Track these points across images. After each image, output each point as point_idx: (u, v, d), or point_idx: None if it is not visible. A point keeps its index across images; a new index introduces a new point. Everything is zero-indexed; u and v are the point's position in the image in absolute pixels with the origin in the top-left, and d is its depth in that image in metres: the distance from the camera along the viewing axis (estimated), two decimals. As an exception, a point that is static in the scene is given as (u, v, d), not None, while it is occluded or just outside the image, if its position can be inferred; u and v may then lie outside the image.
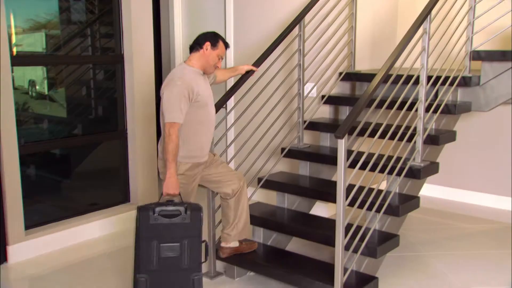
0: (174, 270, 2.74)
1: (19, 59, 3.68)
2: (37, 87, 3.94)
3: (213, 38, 2.93)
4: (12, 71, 3.55)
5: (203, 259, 2.82)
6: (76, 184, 4.20)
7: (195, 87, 2.82)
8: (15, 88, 3.65)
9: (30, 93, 3.91)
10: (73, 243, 3.90)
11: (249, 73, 3.45)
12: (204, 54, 2.91)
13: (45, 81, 3.98)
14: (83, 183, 4.21)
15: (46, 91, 3.98)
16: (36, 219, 3.80)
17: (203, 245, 2.83)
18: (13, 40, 3.63)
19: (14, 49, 3.64)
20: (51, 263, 3.60)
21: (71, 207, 4.06)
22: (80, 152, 4.18)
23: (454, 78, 3.53)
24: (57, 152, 4.09)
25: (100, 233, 4.07)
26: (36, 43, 3.84)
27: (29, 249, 3.65)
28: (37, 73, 3.95)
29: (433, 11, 3.27)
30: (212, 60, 2.93)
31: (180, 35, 5.32)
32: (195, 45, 2.94)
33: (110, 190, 4.34)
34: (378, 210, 3.09)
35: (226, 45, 3.00)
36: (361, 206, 3.04)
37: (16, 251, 3.58)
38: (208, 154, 3.05)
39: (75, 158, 4.20)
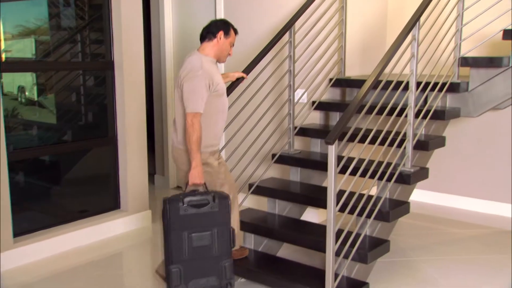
0: (205, 258, 2.78)
1: (8, 65, 3.66)
2: (26, 93, 3.92)
3: (225, 27, 2.95)
4: (1, 77, 3.54)
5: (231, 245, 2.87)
6: (65, 191, 4.17)
7: (214, 77, 2.85)
8: (4, 94, 3.62)
9: (19, 99, 3.89)
10: (62, 250, 3.86)
11: (239, 80, 3.45)
12: (218, 43, 2.92)
13: (35, 87, 3.96)
14: (73, 190, 4.18)
15: (35, 97, 3.96)
16: (25, 226, 3.76)
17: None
18: (2, 46, 3.61)
19: (3, 55, 3.62)
20: (40, 271, 3.56)
21: (60, 214, 4.03)
22: (70, 158, 4.15)
23: (443, 84, 3.56)
24: (47, 159, 4.06)
25: (90, 240, 4.03)
26: (26, 49, 3.82)
27: (18, 256, 3.61)
28: (27, 79, 3.93)
29: (422, 18, 3.31)
30: (225, 49, 2.96)
31: (170, 41, 5.32)
32: (208, 34, 2.93)
33: (100, 197, 4.31)
34: (368, 216, 3.10)
35: (236, 32, 3.03)
36: (351, 212, 3.05)
37: (5, 259, 3.54)
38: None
39: (65, 165, 4.17)
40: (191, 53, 2.94)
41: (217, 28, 2.93)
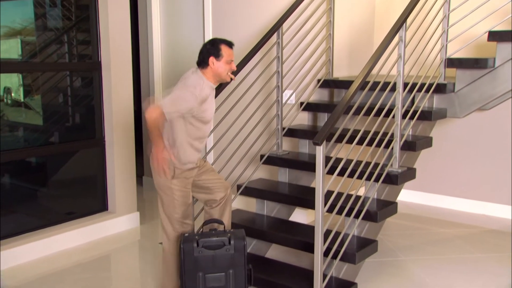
0: None
1: (-6, 66, 3.62)
2: (12, 95, 3.88)
3: (214, 49, 2.81)
4: (-14, 78, 3.50)
5: (248, 284, 2.85)
6: (52, 193, 4.13)
7: (204, 105, 2.79)
8: (-11, 96, 3.59)
9: (5, 100, 3.85)
10: (49, 253, 3.83)
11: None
12: (212, 69, 2.82)
13: (21, 88, 3.92)
14: (59, 192, 4.15)
15: (22, 99, 3.92)
16: (11, 228, 3.72)
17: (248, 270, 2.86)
18: (-12, 47, 3.58)
19: (-11, 56, 3.59)
20: (27, 273, 3.52)
21: (47, 216, 3.99)
22: (57, 160, 4.12)
23: (430, 85, 3.59)
24: (33, 160, 4.02)
25: (78, 242, 4.00)
26: (12, 49, 3.78)
27: (4, 259, 3.57)
28: (13, 80, 3.89)
29: (409, 19, 3.33)
30: (223, 71, 2.83)
31: (158, 42, 5.30)
32: (201, 63, 2.84)
33: (87, 198, 4.28)
34: (356, 216, 3.12)
35: (230, 45, 2.86)
36: (339, 212, 3.06)
37: (-10, 262, 3.51)
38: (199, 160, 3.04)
39: (51, 167, 4.13)
40: (194, 71, 2.85)
41: (207, 53, 2.81)
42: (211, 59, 2.81)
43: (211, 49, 2.82)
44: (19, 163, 3.88)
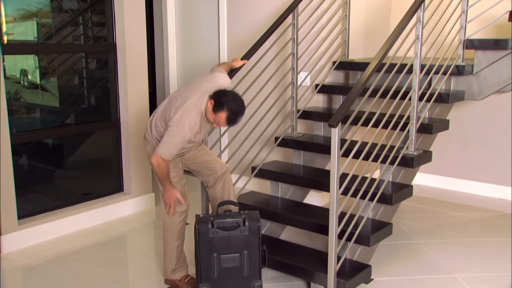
0: (234, 279, 2.81)
1: (10, 47, 3.64)
2: (29, 77, 3.91)
3: (219, 105, 2.73)
4: (3, 60, 3.52)
5: (262, 265, 2.87)
6: (69, 174, 4.18)
7: (197, 135, 2.83)
8: (6, 78, 3.62)
9: (22, 82, 3.88)
10: (66, 233, 3.89)
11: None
12: (207, 105, 2.78)
13: (37, 71, 3.95)
14: (76, 173, 4.20)
15: (38, 81, 3.95)
16: (29, 209, 3.79)
17: (262, 251, 2.88)
18: (4, 29, 3.59)
19: (5, 38, 3.61)
20: (44, 253, 3.59)
21: (64, 196, 4.05)
22: (73, 141, 4.16)
23: (448, 67, 3.53)
24: (50, 142, 4.07)
25: (94, 222, 4.06)
26: (28, 31, 3.80)
27: (22, 239, 3.64)
28: (29, 62, 3.92)
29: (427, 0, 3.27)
30: (208, 116, 2.80)
31: (173, 23, 5.29)
32: (213, 93, 2.80)
33: (103, 180, 4.33)
34: (371, 199, 3.11)
35: (228, 121, 2.76)
36: (354, 195, 3.05)
37: (9, 241, 3.57)
38: None
39: (67, 148, 4.18)
40: (202, 96, 2.79)
41: (215, 96, 2.76)
42: (211, 102, 2.76)
43: (218, 101, 2.74)
44: (36, 145, 3.93)
